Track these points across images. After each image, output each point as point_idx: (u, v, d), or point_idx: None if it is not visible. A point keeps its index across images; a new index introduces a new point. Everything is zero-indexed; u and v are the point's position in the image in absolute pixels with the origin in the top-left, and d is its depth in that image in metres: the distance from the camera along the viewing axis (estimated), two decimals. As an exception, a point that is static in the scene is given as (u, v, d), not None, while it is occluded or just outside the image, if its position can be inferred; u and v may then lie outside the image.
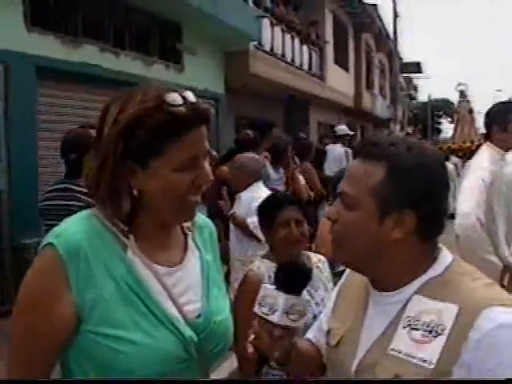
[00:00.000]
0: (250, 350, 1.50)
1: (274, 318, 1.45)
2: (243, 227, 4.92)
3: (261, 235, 4.72)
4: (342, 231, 1.45)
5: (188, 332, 1.47)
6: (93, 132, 3.98)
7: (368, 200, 1.39)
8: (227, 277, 5.35)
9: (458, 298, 1.33)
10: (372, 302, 1.50)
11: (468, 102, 11.62)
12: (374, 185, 1.39)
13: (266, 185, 5.34)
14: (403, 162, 1.38)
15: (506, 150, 3.88)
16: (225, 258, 5.81)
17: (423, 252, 1.44)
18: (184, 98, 1.44)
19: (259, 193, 4.83)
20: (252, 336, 1.49)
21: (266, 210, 3.01)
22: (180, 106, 1.42)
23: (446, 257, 1.46)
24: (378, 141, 1.45)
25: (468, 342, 1.27)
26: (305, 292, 1.53)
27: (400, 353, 1.35)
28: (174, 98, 1.43)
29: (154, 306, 1.44)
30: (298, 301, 1.47)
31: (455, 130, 10.30)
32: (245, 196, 5.00)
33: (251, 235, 4.85)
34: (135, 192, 1.46)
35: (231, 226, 5.17)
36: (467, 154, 9.12)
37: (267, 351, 1.49)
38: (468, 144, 10.15)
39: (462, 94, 10.48)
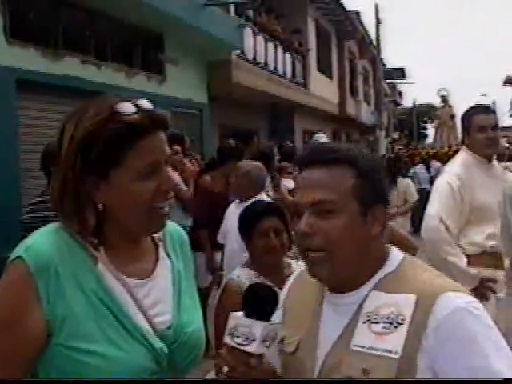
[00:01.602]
0: None
1: (252, 348, 1.36)
2: None
3: None
4: (328, 241, 1.43)
5: (158, 344, 1.47)
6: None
7: (351, 202, 1.43)
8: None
9: (414, 289, 1.39)
10: (327, 304, 1.52)
11: (450, 107, 11.67)
12: (351, 187, 1.44)
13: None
14: (365, 162, 1.47)
15: (482, 155, 3.93)
16: (209, 267, 5.82)
17: (383, 246, 1.51)
18: (137, 105, 1.45)
19: None
20: (225, 369, 1.40)
21: (246, 220, 3.03)
22: (133, 114, 1.43)
23: (397, 254, 1.52)
24: (336, 147, 1.51)
25: (428, 328, 1.33)
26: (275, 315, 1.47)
27: (363, 347, 1.39)
28: (126, 106, 1.44)
29: (125, 319, 1.44)
30: (272, 327, 1.41)
31: (436, 135, 10.34)
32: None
33: None
34: (100, 206, 1.46)
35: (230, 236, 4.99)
36: (445, 159, 9.19)
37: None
38: (446, 149, 10.21)
39: (444, 99, 10.53)
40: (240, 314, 1.40)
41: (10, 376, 1.40)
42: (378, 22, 31.25)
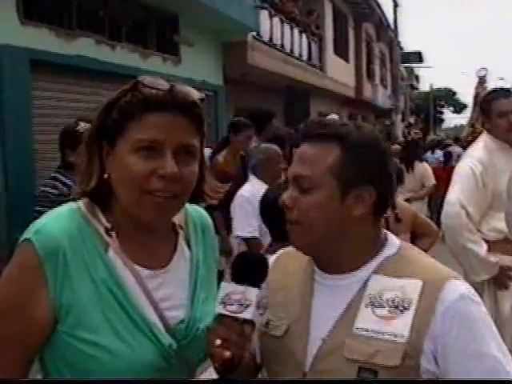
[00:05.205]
0: (227, 353, 1.28)
1: (248, 313, 1.30)
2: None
3: None
4: (303, 216, 1.43)
5: (167, 340, 1.39)
6: (81, 125, 3.99)
7: (328, 180, 1.42)
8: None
9: (419, 274, 1.41)
10: (320, 286, 1.49)
11: (485, 88, 11.28)
12: (331, 164, 1.41)
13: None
14: (357, 139, 1.43)
15: (504, 140, 3.84)
16: (224, 249, 5.78)
17: (377, 231, 1.50)
18: (171, 85, 1.38)
19: None
20: (218, 341, 1.29)
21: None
22: (156, 88, 1.36)
23: (395, 239, 1.53)
24: (328, 122, 1.48)
25: (435, 314, 1.35)
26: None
27: (367, 331, 1.38)
28: (152, 80, 1.38)
29: (133, 312, 1.37)
30: (264, 294, 1.36)
31: (472, 116, 9.89)
32: None
33: None
34: (105, 176, 1.40)
35: None
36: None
37: (239, 353, 1.30)
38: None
39: (482, 79, 10.08)
40: (230, 282, 1.36)
41: (12, 360, 1.34)
42: (396, 4, 30.94)
